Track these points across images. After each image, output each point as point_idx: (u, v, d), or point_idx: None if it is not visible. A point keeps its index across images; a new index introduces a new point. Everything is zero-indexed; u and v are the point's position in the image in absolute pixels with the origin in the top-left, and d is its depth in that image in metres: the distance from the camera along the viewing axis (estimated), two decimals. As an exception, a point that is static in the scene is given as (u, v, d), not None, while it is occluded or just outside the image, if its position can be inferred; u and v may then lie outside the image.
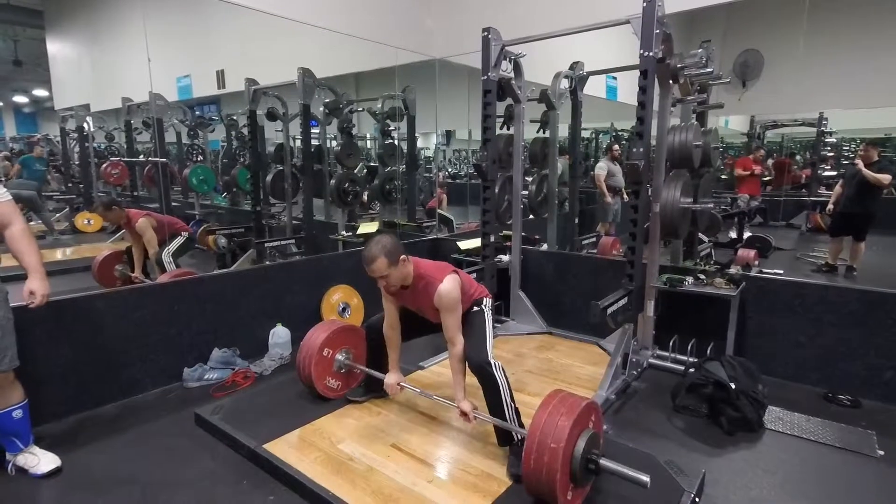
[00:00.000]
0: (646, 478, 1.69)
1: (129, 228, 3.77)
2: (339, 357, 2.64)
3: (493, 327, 2.29)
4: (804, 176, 7.30)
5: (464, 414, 2.14)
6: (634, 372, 2.95)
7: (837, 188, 5.20)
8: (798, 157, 7.54)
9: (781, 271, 3.73)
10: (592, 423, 1.86)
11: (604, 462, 1.76)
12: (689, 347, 2.99)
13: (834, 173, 6.75)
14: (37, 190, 4.96)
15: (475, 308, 2.26)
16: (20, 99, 5.45)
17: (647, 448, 2.20)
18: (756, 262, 3.84)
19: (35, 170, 5.01)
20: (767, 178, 6.81)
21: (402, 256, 2.07)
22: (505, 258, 3.86)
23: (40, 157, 5.11)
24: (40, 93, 5.28)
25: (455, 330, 2.13)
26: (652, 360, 3.11)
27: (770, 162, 6.64)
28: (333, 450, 2.17)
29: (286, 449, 2.16)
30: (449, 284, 2.09)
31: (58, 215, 5.46)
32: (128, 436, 2.39)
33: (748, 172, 6.21)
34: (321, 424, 2.39)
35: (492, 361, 2.07)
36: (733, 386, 2.46)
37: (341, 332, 2.67)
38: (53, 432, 2.37)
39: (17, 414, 2.02)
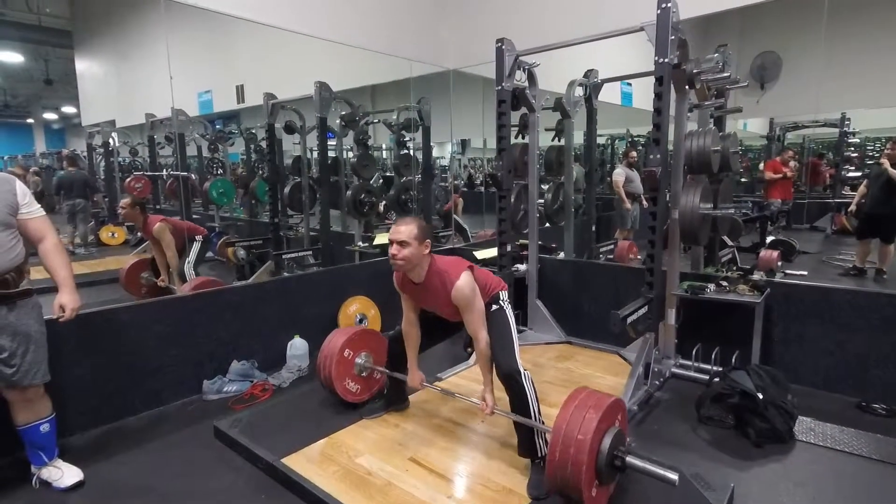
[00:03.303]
0: (674, 476, 1.66)
1: (148, 234, 3.81)
2: (359, 361, 2.64)
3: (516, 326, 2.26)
4: (829, 175, 7.10)
5: (485, 403, 2.11)
6: (657, 382, 2.89)
7: (861, 188, 5.06)
8: (829, 156, 7.35)
9: (805, 272, 3.63)
10: (619, 420, 1.82)
11: (630, 459, 1.72)
12: (713, 356, 2.92)
13: (858, 174, 6.56)
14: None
15: (494, 306, 2.22)
16: (50, 116, 5.64)
17: (672, 461, 2.13)
18: (779, 264, 3.72)
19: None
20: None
21: (428, 241, 2.08)
22: (522, 267, 3.83)
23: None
24: (68, 110, 5.45)
25: (478, 326, 2.10)
26: (675, 370, 3.04)
27: (793, 164, 6.48)
28: (352, 464, 2.16)
29: (304, 463, 2.15)
30: (464, 281, 2.07)
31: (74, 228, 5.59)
32: (148, 448, 2.42)
33: (780, 175, 6.05)
34: (339, 438, 2.38)
35: (521, 370, 2.04)
36: (761, 396, 2.39)
37: (362, 334, 2.67)
38: (77, 445, 2.41)
39: (45, 428, 2.06)
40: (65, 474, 2.09)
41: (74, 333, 2.46)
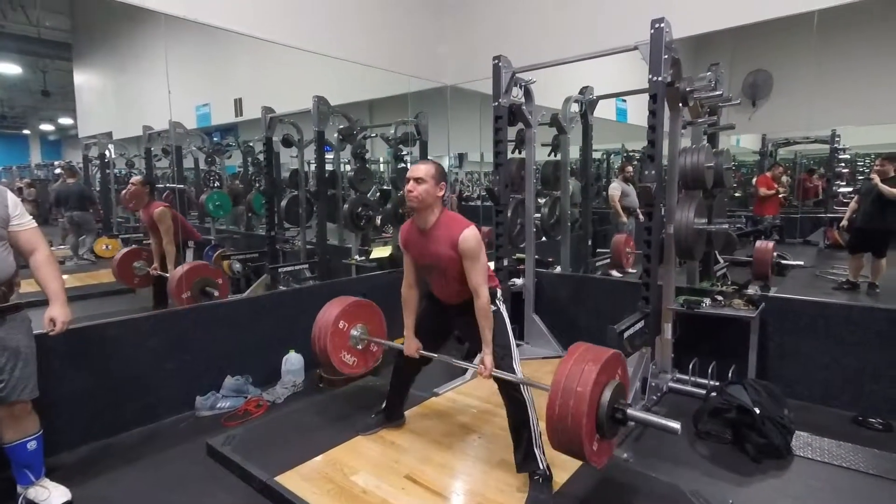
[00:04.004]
0: (676, 425, 1.66)
1: (147, 217, 3.69)
2: (355, 333, 2.60)
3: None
4: (821, 189, 7.19)
5: (483, 366, 2.06)
6: (654, 397, 2.88)
7: (853, 203, 5.12)
8: (820, 171, 7.46)
9: (802, 262, 3.61)
10: (619, 375, 1.80)
11: (632, 412, 1.71)
12: (709, 370, 2.92)
13: (849, 189, 6.65)
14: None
15: (491, 307, 2.16)
16: (46, 127, 5.63)
17: (670, 477, 2.13)
18: (775, 254, 3.63)
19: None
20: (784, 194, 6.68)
21: (443, 183, 2.10)
22: (519, 281, 3.83)
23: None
24: (65, 121, 5.44)
25: (480, 280, 2.06)
26: (672, 384, 3.04)
27: (785, 179, 6.56)
28: (347, 482, 2.13)
29: (298, 481, 2.12)
30: (472, 231, 2.06)
31: (76, 240, 5.55)
32: (139, 467, 2.37)
33: (773, 192, 6.10)
34: (335, 455, 2.35)
35: (520, 377, 2.03)
36: (758, 411, 2.38)
37: (357, 305, 2.62)
38: (65, 463, 2.36)
39: (32, 445, 2.02)
40: (52, 494, 2.04)
41: (64, 348, 2.42)
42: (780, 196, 6.12)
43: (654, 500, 1.97)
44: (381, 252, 4.71)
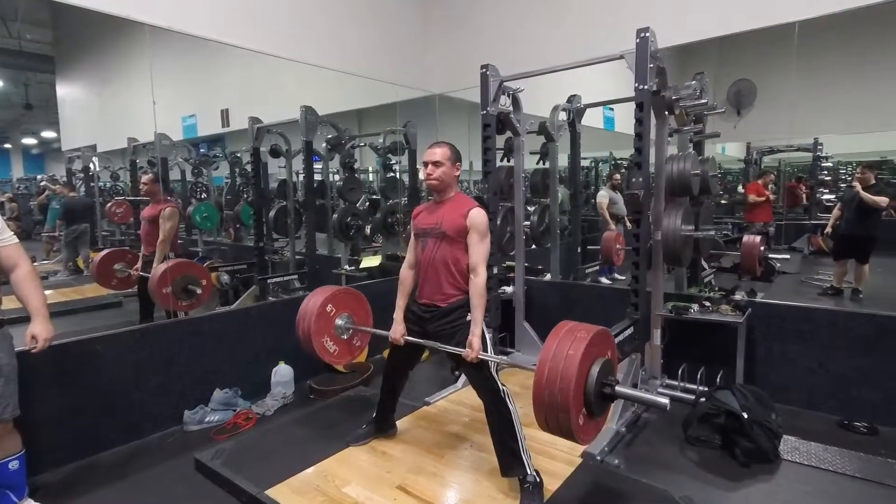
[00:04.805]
0: (664, 400, 1.67)
1: (155, 212, 3.62)
2: (340, 322, 2.57)
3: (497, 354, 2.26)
4: (805, 197, 7.32)
5: (470, 349, 2.05)
6: (644, 403, 2.89)
7: (836, 211, 5.22)
8: (802, 178, 7.61)
9: (788, 256, 3.66)
10: (608, 352, 1.80)
11: (620, 388, 1.71)
12: (698, 376, 2.94)
13: (832, 196, 6.78)
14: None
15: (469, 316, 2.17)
16: (29, 141, 5.55)
17: (661, 483, 2.13)
18: (763, 248, 3.64)
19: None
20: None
21: (459, 164, 2.24)
22: (509, 289, 3.84)
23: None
24: (48, 134, 5.38)
25: (481, 258, 2.12)
26: (661, 390, 3.05)
27: (771, 186, 6.67)
28: (338, 494, 2.10)
29: (289, 494, 2.09)
30: (483, 212, 2.17)
31: (59, 256, 5.47)
32: (125, 484, 2.32)
33: (763, 199, 6.19)
34: (326, 466, 2.33)
35: (501, 388, 2.03)
36: (746, 416, 2.40)
37: (345, 294, 2.61)
38: (49, 482, 2.31)
39: (14, 465, 1.97)
40: (35, 514, 2.00)
41: (47, 365, 2.37)
42: (769, 203, 6.21)
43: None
44: (370, 262, 4.69)
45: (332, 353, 2.56)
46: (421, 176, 2.22)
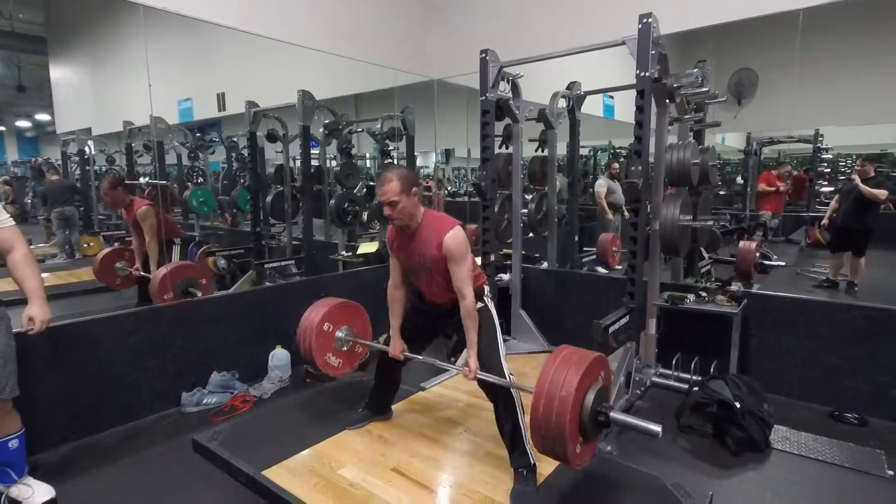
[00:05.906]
0: (657, 428, 1.68)
1: (131, 217, 3.61)
2: (340, 335, 2.57)
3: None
4: (805, 183, 7.32)
5: (468, 368, 2.05)
6: (638, 391, 2.92)
7: (833, 203, 5.22)
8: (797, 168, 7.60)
9: (783, 263, 3.60)
10: (602, 377, 1.82)
11: (614, 414, 1.73)
12: (692, 365, 2.96)
13: (831, 188, 6.78)
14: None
15: (479, 304, 2.16)
16: (23, 123, 5.49)
17: (652, 470, 2.16)
18: (758, 254, 3.66)
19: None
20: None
21: (415, 189, 2.03)
22: (505, 277, 3.85)
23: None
24: (42, 117, 5.32)
25: (465, 281, 2.04)
26: (655, 379, 3.08)
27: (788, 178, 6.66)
28: (334, 476, 2.13)
29: (285, 475, 2.11)
30: (457, 231, 2.03)
31: (55, 239, 5.46)
32: (123, 464, 2.35)
33: (773, 189, 6.17)
34: (321, 449, 2.35)
35: (508, 377, 2.04)
36: (738, 405, 2.43)
37: (342, 307, 2.60)
38: (48, 461, 2.33)
39: (14, 444, 1.99)
40: (35, 492, 2.02)
41: (45, 346, 2.38)
42: (780, 194, 6.18)
43: (637, 492, 2.00)
44: (367, 248, 4.69)
45: (336, 366, 2.59)
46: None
